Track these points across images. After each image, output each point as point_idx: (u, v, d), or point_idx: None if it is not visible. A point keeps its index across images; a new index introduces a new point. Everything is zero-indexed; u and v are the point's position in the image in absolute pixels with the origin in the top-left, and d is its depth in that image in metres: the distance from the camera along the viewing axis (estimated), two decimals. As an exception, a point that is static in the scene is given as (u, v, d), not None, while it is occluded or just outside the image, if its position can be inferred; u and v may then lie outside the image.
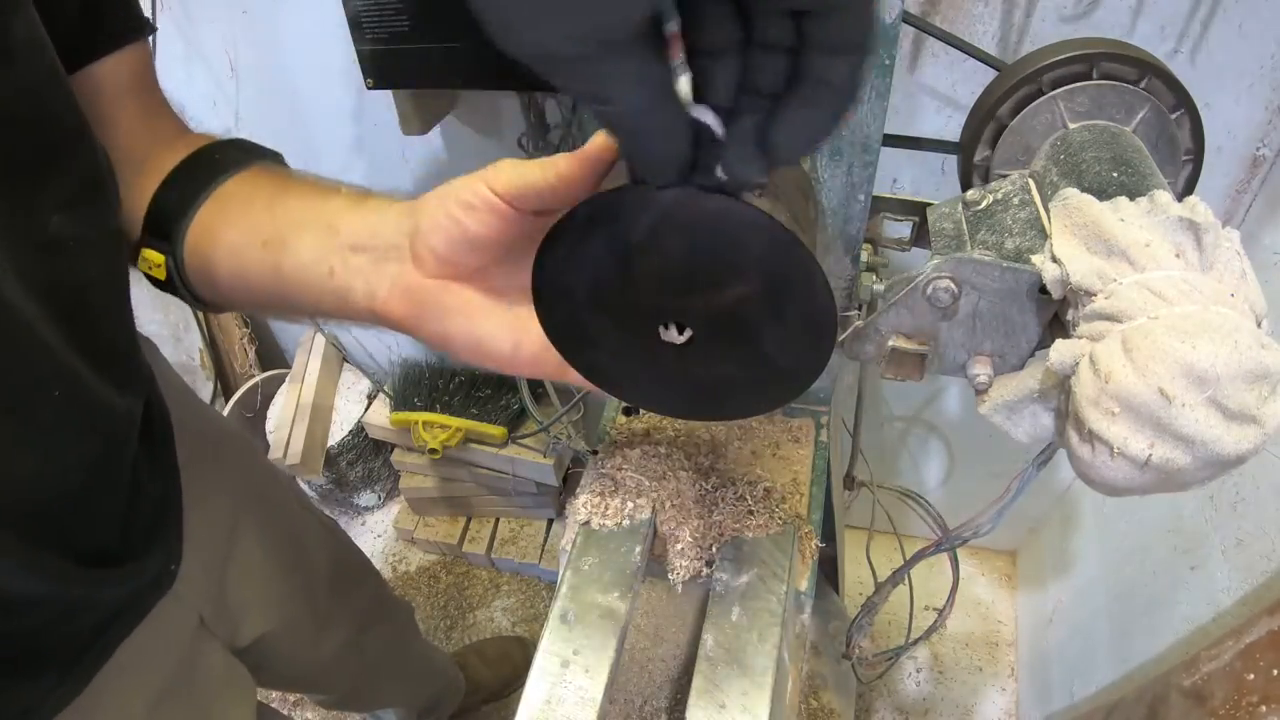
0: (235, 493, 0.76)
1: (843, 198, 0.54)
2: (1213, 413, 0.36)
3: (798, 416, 0.78)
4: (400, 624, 1.15)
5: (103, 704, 0.57)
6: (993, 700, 1.44)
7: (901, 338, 0.52)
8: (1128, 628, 1.07)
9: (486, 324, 0.41)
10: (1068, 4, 0.85)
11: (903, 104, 0.98)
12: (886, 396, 1.39)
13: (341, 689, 1.09)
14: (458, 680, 1.40)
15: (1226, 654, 0.76)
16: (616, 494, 0.68)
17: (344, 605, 0.94)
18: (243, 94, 1.25)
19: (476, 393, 1.54)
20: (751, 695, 0.54)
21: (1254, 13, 0.81)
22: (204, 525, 0.69)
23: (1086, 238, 0.43)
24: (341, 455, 1.67)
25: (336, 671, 1.00)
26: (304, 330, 1.67)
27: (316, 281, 0.42)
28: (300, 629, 0.86)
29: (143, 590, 0.60)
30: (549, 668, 0.56)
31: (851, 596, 1.48)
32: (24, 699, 0.52)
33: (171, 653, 0.65)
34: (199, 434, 0.71)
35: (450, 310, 0.40)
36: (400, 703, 1.26)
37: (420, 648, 1.26)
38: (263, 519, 0.79)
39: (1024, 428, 0.48)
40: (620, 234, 0.36)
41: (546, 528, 1.71)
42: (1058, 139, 0.55)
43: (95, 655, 0.57)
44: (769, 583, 0.61)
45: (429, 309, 0.40)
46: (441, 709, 1.37)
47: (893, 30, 0.45)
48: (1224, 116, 0.88)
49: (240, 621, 0.76)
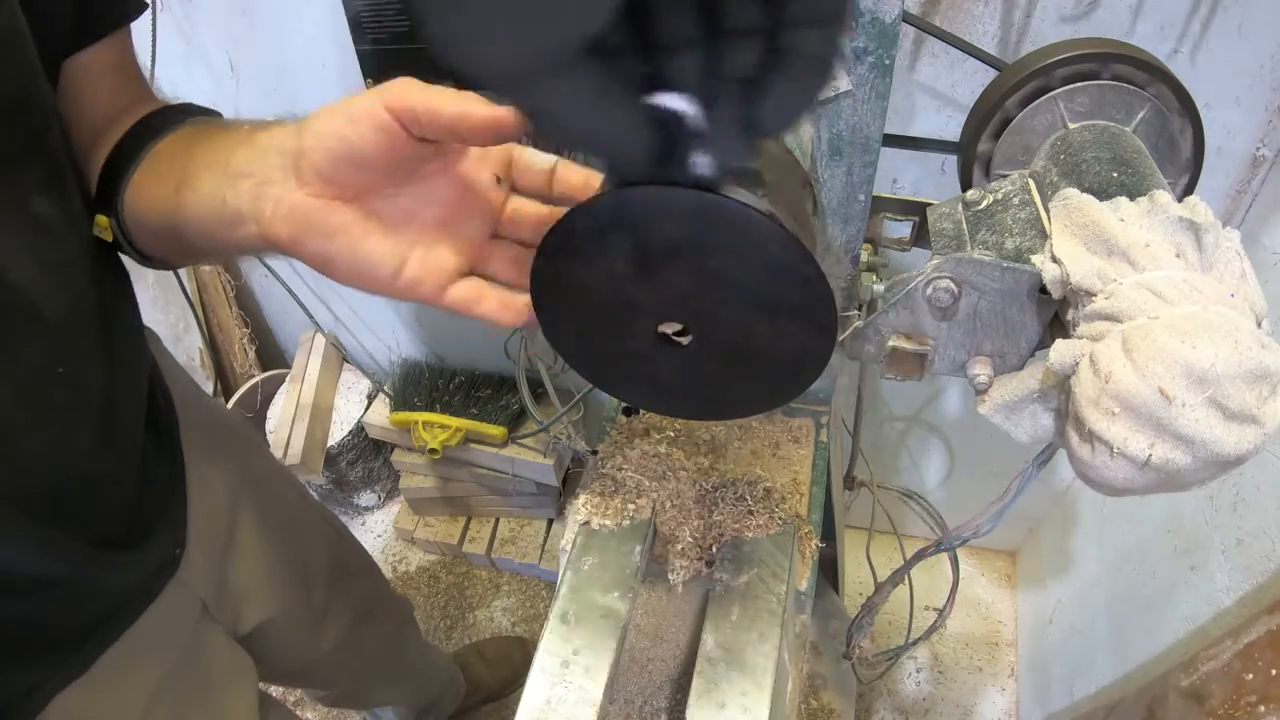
0: (237, 481, 0.77)
1: (843, 198, 0.54)
2: (1213, 413, 0.36)
3: (798, 416, 0.78)
4: (399, 621, 1.16)
5: (107, 686, 0.59)
6: (993, 700, 1.44)
7: (901, 338, 0.52)
8: (1127, 628, 1.07)
9: (368, 245, 0.41)
10: (1068, 4, 0.85)
11: (903, 104, 0.98)
12: (886, 396, 1.39)
13: (340, 684, 1.09)
14: (458, 680, 1.40)
15: (1225, 654, 0.76)
16: (616, 494, 0.68)
17: (342, 598, 0.95)
18: (243, 94, 1.25)
19: (476, 393, 1.54)
20: (751, 695, 0.54)
21: (1254, 13, 0.81)
22: (206, 511, 0.70)
23: (1086, 238, 0.43)
24: (341, 455, 1.67)
25: (335, 666, 1.00)
26: (304, 330, 1.67)
27: (212, 215, 0.43)
28: (299, 620, 0.87)
29: (149, 574, 0.62)
30: (549, 668, 0.56)
31: (851, 596, 1.48)
32: (29, 679, 0.54)
33: (176, 638, 0.66)
34: (202, 422, 0.73)
35: (333, 230, 0.40)
36: (399, 701, 1.26)
37: (419, 646, 1.26)
38: (263, 508, 0.80)
39: (1024, 428, 0.48)
40: (620, 234, 0.36)
41: (546, 528, 1.71)
42: (1058, 139, 0.55)
43: (100, 639, 0.58)
44: (769, 583, 0.61)
45: (312, 229, 0.40)
46: (441, 709, 1.37)
47: (893, 30, 0.45)
48: (1224, 116, 0.88)
49: (241, 608, 0.76)
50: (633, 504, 0.67)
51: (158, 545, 0.63)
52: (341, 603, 0.95)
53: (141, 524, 0.60)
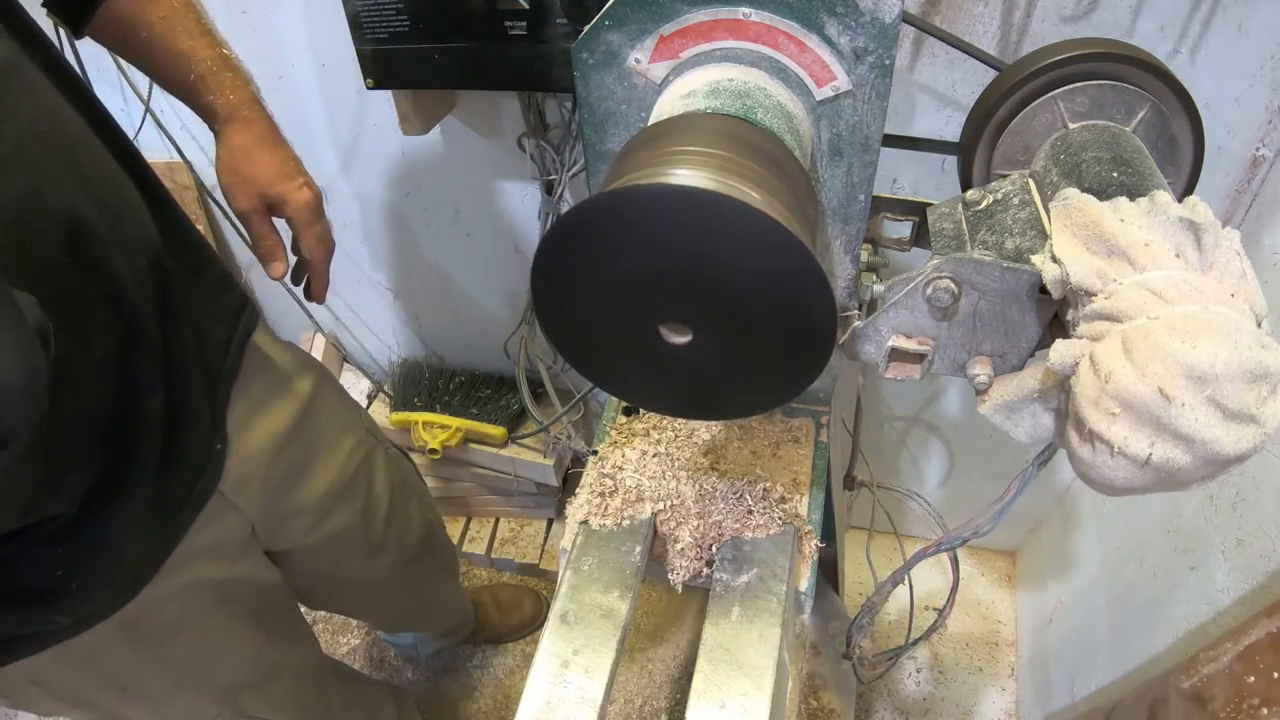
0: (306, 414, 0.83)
1: (843, 198, 0.54)
2: (1212, 412, 0.36)
3: (798, 416, 0.78)
4: (440, 568, 1.21)
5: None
6: (993, 700, 1.44)
7: (901, 338, 0.52)
8: (1128, 628, 1.07)
9: None
10: (1068, 4, 0.85)
11: (903, 104, 0.98)
12: (886, 396, 1.39)
13: (384, 615, 1.22)
14: (470, 616, 1.46)
15: (1225, 656, 0.75)
16: (616, 494, 0.68)
17: (396, 535, 1.00)
18: (243, 94, 1.25)
19: (476, 393, 1.54)
20: (751, 695, 0.54)
21: (1254, 13, 0.81)
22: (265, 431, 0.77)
23: (1087, 238, 0.43)
24: (341, 455, 1.67)
25: (382, 595, 1.10)
26: (304, 330, 1.67)
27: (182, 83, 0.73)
28: (352, 549, 0.93)
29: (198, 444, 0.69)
30: (549, 668, 0.56)
31: (851, 596, 1.48)
32: None
33: (226, 549, 0.75)
34: (274, 358, 0.82)
35: None
36: (423, 630, 1.40)
37: (454, 589, 1.34)
38: (329, 441, 0.86)
39: (1024, 428, 0.48)
40: (620, 233, 0.36)
41: (546, 528, 1.71)
42: (1058, 139, 0.55)
43: (165, 540, 0.67)
44: (769, 583, 0.61)
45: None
46: (449, 638, 1.48)
47: (893, 30, 0.45)
48: (1224, 116, 0.88)
49: (291, 527, 0.83)
50: (633, 504, 0.67)
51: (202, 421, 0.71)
52: (394, 538, 1.00)
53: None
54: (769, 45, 0.47)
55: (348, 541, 0.91)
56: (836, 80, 0.48)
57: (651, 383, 0.46)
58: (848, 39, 0.46)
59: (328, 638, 1.59)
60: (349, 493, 0.89)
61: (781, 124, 0.46)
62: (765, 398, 0.45)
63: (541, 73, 0.90)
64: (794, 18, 0.46)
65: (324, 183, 1.38)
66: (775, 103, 0.47)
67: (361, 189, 1.35)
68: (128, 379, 0.58)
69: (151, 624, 0.69)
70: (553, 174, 1.13)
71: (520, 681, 1.09)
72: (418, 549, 1.07)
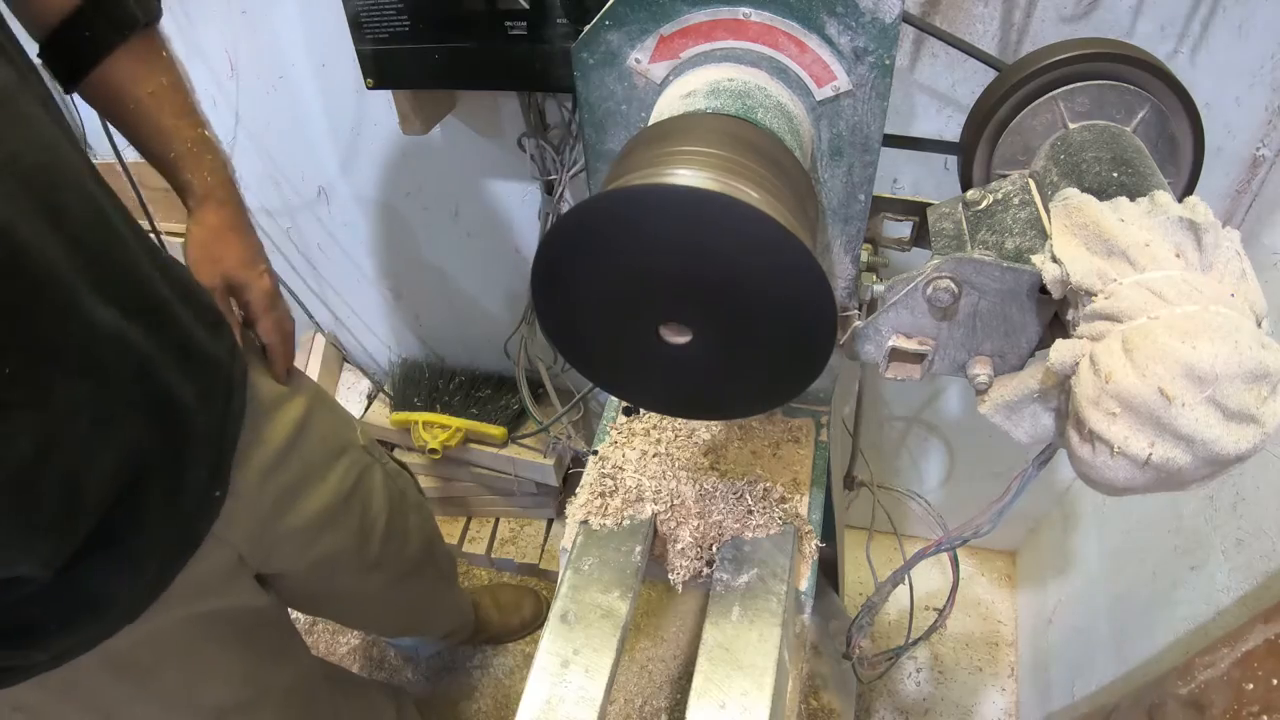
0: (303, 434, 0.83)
1: (843, 198, 0.54)
2: (1212, 412, 0.36)
3: (798, 416, 0.78)
4: (438, 578, 1.21)
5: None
6: (993, 700, 1.44)
7: (901, 338, 0.52)
8: (1127, 628, 1.07)
9: None
10: (1068, 4, 0.85)
11: (903, 104, 0.98)
12: (886, 396, 1.39)
13: (382, 624, 1.24)
14: (470, 618, 1.46)
15: (1222, 662, 0.75)
16: (616, 494, 0.68)
17: (393, 551, 1.00)
18: (243, 94, 1.25)
19: (476, 393, 1.54)
20: (751, 695, 0.54)
21: (1254, 13, 0.81)
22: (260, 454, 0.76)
23: (1087, 238, 0.43)
24: (341, 455, 1.67)
25: (379, 608, 1.11)
26: (304, 330, 1.67)
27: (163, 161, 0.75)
28: (347, 567, 0.93)
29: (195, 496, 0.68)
30: (549, 668, 0.56)
31: (851, 596, 1.48)
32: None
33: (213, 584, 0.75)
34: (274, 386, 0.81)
35: None
36: (422, 635, 1.41)
37: (454, 596, 1.34)
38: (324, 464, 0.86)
39: (1024, 428, 0.48)
40: (620, 233, 0.36)
41: (546, 528, 1.71)
42: (1058, 139, 0.55)
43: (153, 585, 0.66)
44: (769, 583, 0.61)
45: None
46: (450, 640, 1.48)
47: (893, 30, 0.45)
48: (1224, 116, 0.88)
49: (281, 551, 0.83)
50: (633, 504, 0.67)
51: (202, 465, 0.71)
52: (392, 555, 1.00)
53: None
54: (769, 45, 0.47)
55: (342, 561, 0.91)
56: (837, 80, 0.48)
57: (651, 383, 0.46)
58: (848, 39, 0.46)
59: (328, 638, 1.59)
60: (343, 513, 0.88)
61: (782, 124, 0.46)
62: (765, 398, 0.45)
63: (541, 73, 0.90)
64: (794, 18, 0.46)
65: (324, 183, 1.39)
66: (775, 103, 0.47)
67: (361, 189, 1.35)
68: (113, 438, 0.56)
69: (135, 656, 0.69)
70: (553, 174, 1.13)
71: (520, 681, 1.09)
72: (416, 562, 1.06)
